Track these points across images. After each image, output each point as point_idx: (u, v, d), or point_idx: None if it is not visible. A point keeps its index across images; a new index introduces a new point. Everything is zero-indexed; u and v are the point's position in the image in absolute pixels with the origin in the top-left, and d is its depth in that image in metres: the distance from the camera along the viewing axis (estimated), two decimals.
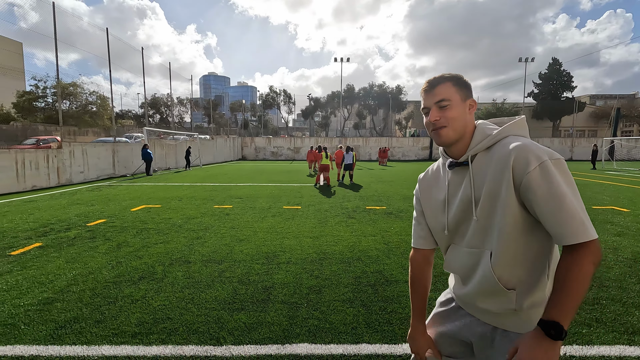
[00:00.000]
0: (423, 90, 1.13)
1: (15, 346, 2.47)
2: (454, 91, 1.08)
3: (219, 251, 4.69)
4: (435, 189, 1.23)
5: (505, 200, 0.98)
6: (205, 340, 2.54)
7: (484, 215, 1.04)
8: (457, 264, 1.18)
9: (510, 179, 0.96)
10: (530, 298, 1.04)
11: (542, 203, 0.92)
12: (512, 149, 0.98)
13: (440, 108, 1.08)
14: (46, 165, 12.61)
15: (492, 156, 1.04)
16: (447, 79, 1.10)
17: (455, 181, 1.14)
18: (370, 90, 54.79)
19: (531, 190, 0.93)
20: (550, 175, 0.92)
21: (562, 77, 50.70)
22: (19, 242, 5.17)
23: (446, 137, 1.09)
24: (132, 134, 26.24)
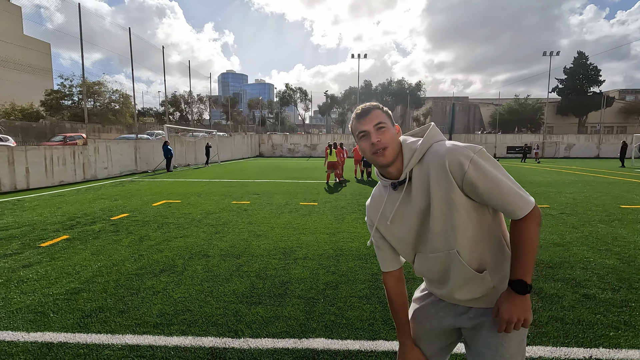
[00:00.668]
0: (357, 115, 1.19)
1: (45, 333, 2.58)
2: (385, 116, 1.17)
3: (237, 246, 4.76)
4: (384, 211, 1.27)
5: (456, 200, 1.08)
6: (223, 333, 2.59)
7: (440, 220, 1.12)
8: (429, 270, 1.24)
9: (453, 181, 1.06)
10: (502, 270, 1.16)
11: (486, 192, 1.05)
12: (443, 154, 1.08)
13: (378, 130, 1.15)
14: (72, 162, 13.10)
15: (426, 166, 1.12)
16: (376, 107, 1.18)
17: (397, 199, 1.21)
18: (389, 86, 54.23)
19: (473, 185, 1.05)
20: (481, 167, 1.04)
21: (589, 71, 48.65)
22: (48, 234, 5.40)
23: (388, 156, 1.15)
24: (153, 131, 26.91)
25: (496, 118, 46.09)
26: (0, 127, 19.42)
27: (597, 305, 3.02)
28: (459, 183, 1.07)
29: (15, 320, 2.76)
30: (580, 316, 2.83)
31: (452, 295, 1.21)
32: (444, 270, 1.19)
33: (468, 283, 1.16)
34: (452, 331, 1.29)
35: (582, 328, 2.65)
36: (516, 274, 1.07)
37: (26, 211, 7.28)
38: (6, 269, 3.91)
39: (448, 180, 1.07)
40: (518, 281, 1.06)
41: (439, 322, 1.29)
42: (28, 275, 3.71)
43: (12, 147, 11.21)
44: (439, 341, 1.32)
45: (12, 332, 2.59)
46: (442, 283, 1.24)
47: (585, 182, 12.87)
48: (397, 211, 1.22)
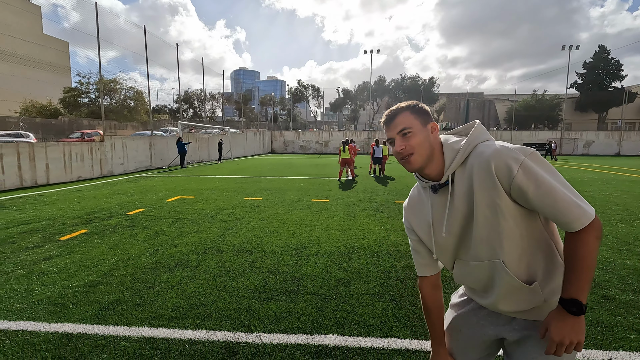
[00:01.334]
0: (383, 122, 1.15)
1: (65, 324, 2.66)
2: (412, 118, 1.10)
3: (250, 242, 4.81)
4: (423, 213, 1.22)
5: (502, 206, 1.00)
6: (236, 327, 2.62)
7: (485, 227, 1.05)
8: (470, 279, 1.17)
9: (499, 186, 0.99)
10: (554, 282, 1.06)
11: (537, 200, 0.96)
12: (488, 157, 1.00)
13: (403, 137, 1.10)
14: (90, 157, 13.42)
15: (470, 169, 1.05)
16: (404, 109, 1.12)
17: (441, 202, 1.14)
18: (402, 82, 53.65)
19: (522, 192, 0.97)
20: (533, 171, 0.95)
21: (610, 66, 47.10)
22: (67, 228, 5.55)
23: (415, 163, 1.10)
24: (167, 128, 27.32)
25: (512, 114, 45.13)
26: (21, 124, 20.02)
27: (617, 306, 2.94)
28: (506, 189, 0.99)
29: (37, 311, 2.86)
30: (599, 317, 2.75)
31: (497, 306, 1.13)
32: (487, 280, 1.12)
33: (515, 295, 1.07)
34: (492, 342, 1.21)
35: (601, 330, 2.59)
36: (570, 292, 0.97)
37: (46, 205, 7.50)
38: (28, 261, 4.05)
39: (494, 185, 0.99)
40: (572, 301, 0.96)
41: (480, 331, 1.21)
42: (49, 268, 3.82)
43: (33, 144, 11.54)
44: (478, 352, 1.24)
45: (34, 323, 2.68)
46: (485, 292, 1.16)
47: (605, 180, 12.50)
48: (437, 216, 1.16)
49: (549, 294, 1.07)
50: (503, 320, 1.16)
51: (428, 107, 1.17)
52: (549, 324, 1.00)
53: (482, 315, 1.21)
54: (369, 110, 52.35)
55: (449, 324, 1.31)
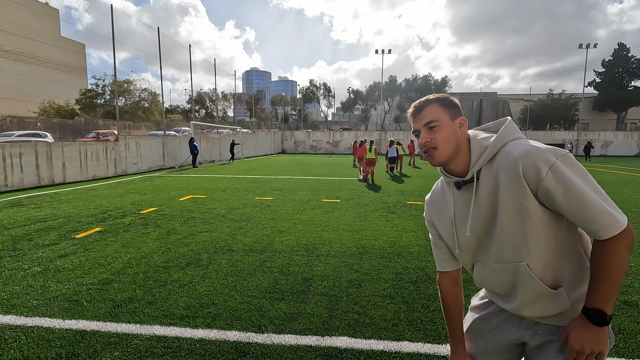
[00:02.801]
0: (410, 114, 1.13)
1: (79, 321, 2.70)
2: (441, 112, 1.07)
3: (260, 241, 4.81)
4: (445, 209, 1.19)
5: (529, 208, 0.96)
6: (247, 327, 2.61)
7: (510, 229, 1.00)
8: (492, 282, 1.13)
9: (526, 187, 0.95)
10: (581, 287, 1.02)
11: (565, 205, 0.92)
12: (517, 158, 0.96)
13: (429, 129, 1.07)
14: (105, 157, 13.68)
15: (496, 168, 1.01)
16: (432, 101, 1.09)
17: (464, 199, 1.11)
18: (413, 82, 53.20)
19: (550, 195, 0.92)
20: (564, 175, 0.91)
21: (630, 64, 45.73)
22: (82, 226, 5.65)
23: (438, 157, 1.07)
24: (179, 128, 27.68)
25: (527, 114, 44.26)
26: (39, 124, 20.55)
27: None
28: (533, 190, 0.95)
29: (52, 308, 2.90)
30: (621, 325, 2.65)
31: (520, 312, 1.09)
32: (510, 284, 1.07)
33: (540, 300, 1.03)
34: (514, 346, 1.16)
35: (623, 337, 2.49)
36: (594, 301, 0.93)
37: (62, 204, 7.66)
38: (45, 258, 4.13)
39: (521, 186, 0.95)
40: (596, 311, 0.92)
41: (501, 334, 1.16)
42: (64, 265, 3.89)
43: (50, 143, 11.82)
44: (499, 356, 1.19)
45: (49, 319, 2.72)
46: (508, 296, 1.11)
47: (625, 181, 12.14)
48: (460, 213, 1.12)
49: (575, 300, 1.02)
50: (526, 324, 1.11)
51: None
52: (570, 330, 0.97)
53: (503, 318, 1.17)
54: (380, 110, 52.04)
55: (469, 327, 1.27)
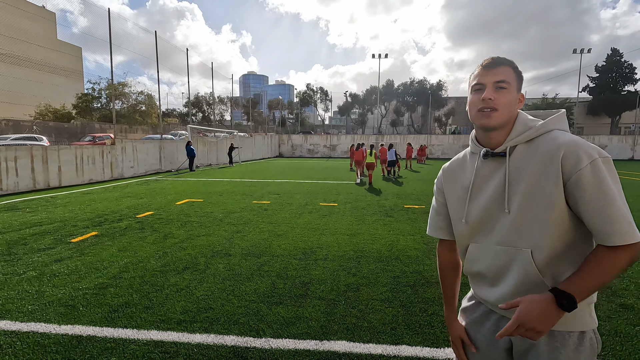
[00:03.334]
0: (483, 65, 1.05)
1: (75, 326, 2.67)
2: (514, 77, 1.03)
3: (258, 245, 4.80)
4: (462, 177, 1.15)
5: (552, 196, 0.93)
6: (245, 332, 2.60)
7: (521, 210, 0.98)
8: (483, 264, 1.10)
9: (560, 174, 0.92)
10: None
11: (591, 201, 0.89)
12: (561, 144, 0.94)
13: (497, 89, 1.01)
14: (101, 161, 13.61)
15: (534, 149, 0.99)
16: (509, 63, 1.04)
17: (486, 171, 1.08)
18: (410, 86, 53.48)
19: (580, 188, 0.90)
20: (601, 173, 0.89)
21: (623, 69, 46.29)
22: (78, 230, 5.61)
23: (495, 120, 1.02)
24: (176, 132, 27.61)
25: None
26: (35, 128, 20.44)
27: (636, 316, 2.85)
28: (565, 179, 0.92)
29: (48, 313, 2.88)
30: (617, 327, 2.67)
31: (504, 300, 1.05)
32: (503, 268, 1.05)
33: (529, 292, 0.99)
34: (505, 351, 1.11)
35: (619, 340, 2.50)
36: (572, 287, 0.89)
37: (58, 208, 7.61)
38: (40, 263, 4.09)
39: (555, 172, 0.93)
40: (568, 295, 0.88)
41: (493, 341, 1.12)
42: (60, 270, 3.86)
43: (46, 147, 11.75)
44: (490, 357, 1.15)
45: (44, 324, 2.69)
46: (497, 280, 1.08)
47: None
48: (478, 184, 1.09)
49: None
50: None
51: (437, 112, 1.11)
52: (524, 301, 0.90)
53: (493, 321, 1.13)
54: (376, 114, 52.22)
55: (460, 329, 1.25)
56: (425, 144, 32.94)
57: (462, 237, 1.16)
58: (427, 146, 30.85)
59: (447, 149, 36.59)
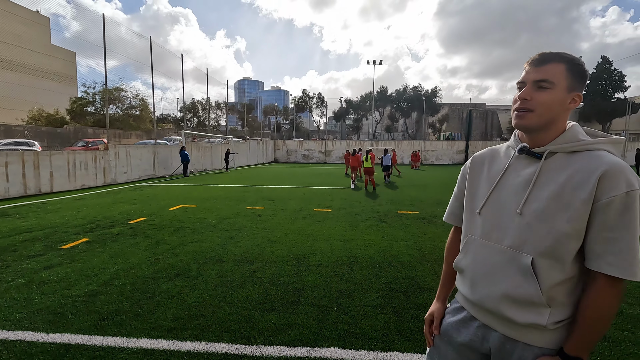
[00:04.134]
0: (530, 61, 1.00)
1: (63, 334, 2.64)
2: (563, 76, 0.95)
3: (251, 251, 4.78)
4: (491, 167, 1.11)
5: (577, 211, 0.90)
6: (236, 339, 2.59)
7: (538, 216, 0.94)
8: (478, 259, 1.07)
9: (594, 192, 0.88)
10: (561, 317, 0.97)
11: (610, 228, 0.87)
12: (605, 162, 0.89)
13: (537, 88, 0.96)
14: (94, 166, 13.50)
15: (574, 162, 0.94)
16: (562, 60, 0.96)
17: (517, 168, 1.03)
18: (404, 92, 53.93)
19: (605, 212, 0.87)
20: (634, 205, 0.86)
21: (613, 77, 47.20)
22: (69, 236, 5.55)
23: (528, 122, 0.98)
24: (171, 137, 27.50)
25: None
26: (27, 133, 20.24)
27: (625, 321, 2.88)
28: (596, 198, 0.88)
29: (36, 321, 2.83)
30: (607, 333, 2.69)
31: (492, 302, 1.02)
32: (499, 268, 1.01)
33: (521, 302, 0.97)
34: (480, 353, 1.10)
35: (608, 345, 2.53)
36: (576, 347, 0.91)
37: (49, 214, 7.52)
38: (29, 270, 4.04)
39: (590, 189, 0.89)
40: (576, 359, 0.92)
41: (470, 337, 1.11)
42: (49, 277, 3.81)
43: (38, 152, 11.64)
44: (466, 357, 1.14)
45: (32, 333, 2.65)
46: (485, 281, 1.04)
47: None
48: (505, 177, 1.04)
49: (552, 322, 0.96)
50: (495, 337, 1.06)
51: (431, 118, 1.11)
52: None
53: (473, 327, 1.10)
54: (371, 120, 52.53)
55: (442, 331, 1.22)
56: (419, 149, 33.15)
57: (469, 229, 1.13)
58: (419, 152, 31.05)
59: (441, 154, 36.84)
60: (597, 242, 0.89)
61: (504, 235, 1.01)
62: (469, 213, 1.14)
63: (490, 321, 1.06)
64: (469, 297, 1.11)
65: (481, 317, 1.09)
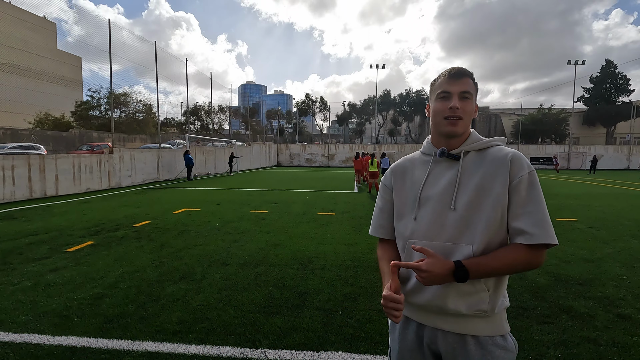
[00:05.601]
0: (449, 74, 1.12)
1: (69, 337, 2.64)
2: (474, 89, 1.13)
3: (255, 255, 4.77)
4: (413, 175, 1.20)
5: (499, 195, 1.03)
6: (241, 342, 2.58)
7: (468, 207, 1.06)
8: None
9: (508, 175, 1.04)
10: (498, 298, 1.07)
11: (524, 204, 1.02)
12: (510, 152, 1.08)
13: (462, 98, 1.10)
14: (99, 169, 13.59)
15: (484, 156, 1.10)
16: (471, 75, 1.13)
17: (438, 170, 1.15)
18: (407, 96, 53.97)
19: (517, 191, 1.03)
20: (535, 182, 1.04)
21: (617, 80, 46.99)
22: (74, 239, 5.58)
23: (460, 128, 1.11)
24: (175, 141, 27.63)
25: (518, 128, 44.99)
26: (33, 137, 20.43)
27: (634, 326, 2.84)
28: (510, 180, 1.04)
29: (42, 323, 2.84)
30: (615, 338, 2.66)
31: (438, 300, 1.07)
32: None
33: (465, 291, 1.05)
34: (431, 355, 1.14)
35: (617, 351, 2.50)
36: (472, 266, 1.00)
37: (55, 217, 7.57)
38: (35, 272, 4.06)
39: (504, 174, 1.05)
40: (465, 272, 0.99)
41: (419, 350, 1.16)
42: (55, 280, 3.83)
43: (44, 156, 11.74)
44: None
45: (38, 335, 2.66)
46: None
47: (615, 194, 12.31)
48: (429, 181, 1.14)
49: (493, 306, 1.06)
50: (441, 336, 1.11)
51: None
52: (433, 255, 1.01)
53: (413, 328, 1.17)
54: (374, 124, 52.58)
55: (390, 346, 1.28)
56: None
57: (406, 234, 1.16)
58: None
59: None
60: (521, 219, 1.02)
61: (441, 232, 1.09)
62: (403, 220, 1.19)
63: (437, 322, 1.12)
64: (416, 302, 1.14)
65: (428, 320, 1.14)
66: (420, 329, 1.15)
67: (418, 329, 1.16)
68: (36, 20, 37.60)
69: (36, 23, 37.24)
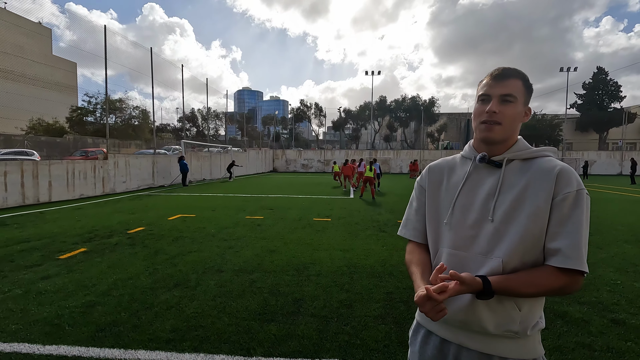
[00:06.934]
0: (492, 76, 1.04)
1: (60, 346, 2.60)
2: (522, 92, 1.04)
3: (250, 261, 4.74)
4: (450, 179, 1.13)
5: (540, 210, 0.95)
6: (235, 350, 2.55)
7: (504, 219, 0.98)
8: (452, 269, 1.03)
9: (552, 189, 0.96)
10: (533, 319, 1.00)
11: (564, 223, 0.94)
12: (558, 164, 0.99)
13: (502, 102, 1.02)
14: (93, 175, 13.48)
15: (529, 167, 1.02)
16: (520, 76, 1.04)
17: (477, 177, 1.07)
18: (402, 102, 54.35)
19: (560, 208, 0.94)
20: (582, 203, 0.94)
21: (609, 87, 47.74)
22: (67, 246, 5.51)
23: (498, 134, 1.03)
24: (170, 147, 27.54)
25: None
26: (26, 142, 20.25)
27: (628, 331, 2.85)
28: (555, 195, 0.95)
29: (32, 332, 2.79)
30: (609, 343, 2.67)
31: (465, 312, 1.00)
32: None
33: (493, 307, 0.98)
34: None
35: (611, 356, 2.50)
36: (499, 285, 0.93)
37: (47, 223, 7.48)
38: (26, 280, 3.99)
39: (549, 187, 0.96)
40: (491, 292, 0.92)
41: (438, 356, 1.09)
42: (46, 287, 3.77)
43: (37, 162, 11.63)
44: None
45: (28, 345, 2.61)
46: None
47: (608, 199, 12.42)
48: (467, 187, 1.07)
49: (524, 328, 0.98)
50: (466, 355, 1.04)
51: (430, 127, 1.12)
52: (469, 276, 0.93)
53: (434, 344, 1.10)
54: (370, 129, 52.78)
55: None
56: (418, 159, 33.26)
57: (439, 241, 1.11)
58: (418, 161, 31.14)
59: None
60: (558, 239, 0.94)
61: (474, 244, 1.03)
62: (435, 225, 1.13)
63: (461, 338, 1.05)
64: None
65: (451, 336, 1.07)
66: (445, 346, 1.08)
67: (441, 344, 1.09)
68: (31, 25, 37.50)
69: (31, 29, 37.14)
